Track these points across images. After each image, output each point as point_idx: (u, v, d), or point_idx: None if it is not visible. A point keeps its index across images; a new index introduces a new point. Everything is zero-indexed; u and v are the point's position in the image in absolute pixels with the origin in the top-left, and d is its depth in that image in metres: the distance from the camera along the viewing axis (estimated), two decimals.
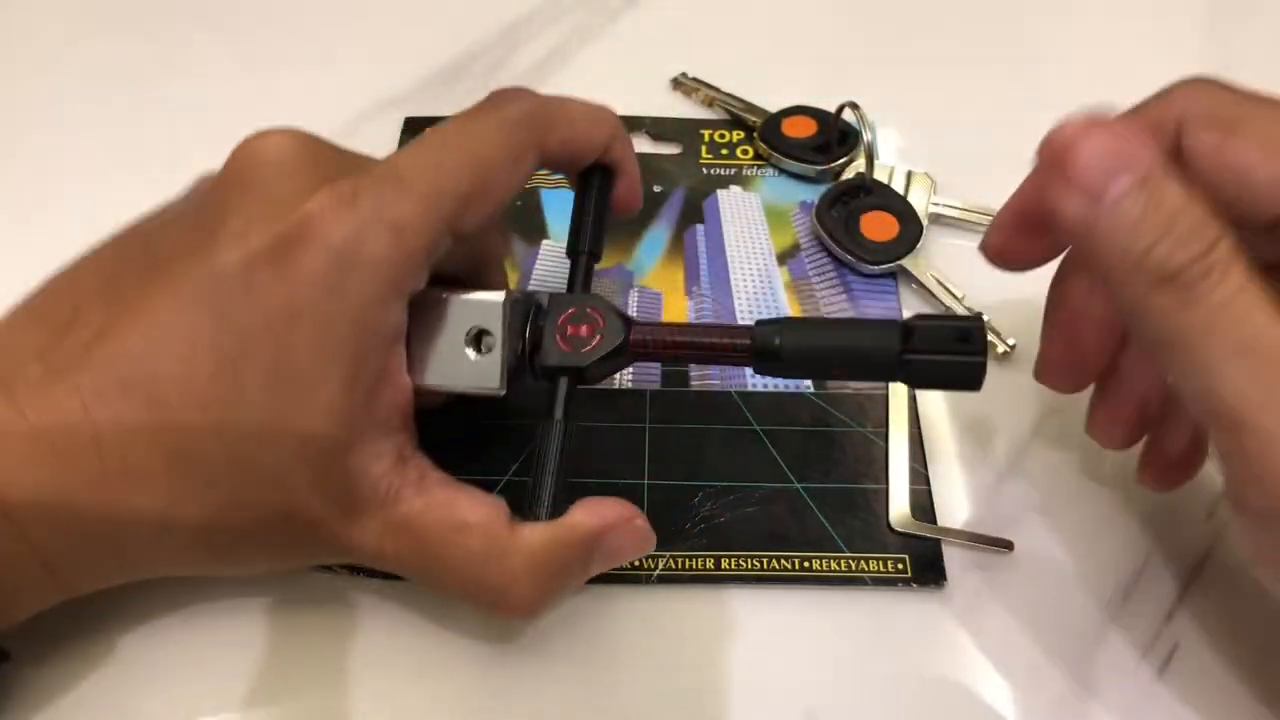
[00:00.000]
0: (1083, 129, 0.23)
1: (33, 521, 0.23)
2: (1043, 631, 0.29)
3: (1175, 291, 0.22)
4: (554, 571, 0.25)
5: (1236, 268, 0.22)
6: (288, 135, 0.26)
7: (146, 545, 0.25)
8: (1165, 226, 0.22)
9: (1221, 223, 0.22)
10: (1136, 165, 0.22)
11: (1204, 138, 0.24)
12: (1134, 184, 0.22)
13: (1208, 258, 0.22)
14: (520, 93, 0.28)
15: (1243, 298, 0.21)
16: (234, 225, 0.24)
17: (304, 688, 0.28)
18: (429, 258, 0.25)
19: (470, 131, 0.27)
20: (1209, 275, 0.21)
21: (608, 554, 0.26)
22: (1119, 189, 0.22)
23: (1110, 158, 0.22)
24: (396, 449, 0.25)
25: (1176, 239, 0.22)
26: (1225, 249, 0.22)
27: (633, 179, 0.31)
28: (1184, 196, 0.22)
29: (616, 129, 0.30)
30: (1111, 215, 0.22)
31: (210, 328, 0.24)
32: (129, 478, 0.24)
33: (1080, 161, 0.22)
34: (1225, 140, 0.24)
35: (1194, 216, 0.22)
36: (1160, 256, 0.22)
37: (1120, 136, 0.22)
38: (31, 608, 0.25)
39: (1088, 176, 0.22)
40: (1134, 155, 0.22)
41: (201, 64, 0.46)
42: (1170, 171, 0.22)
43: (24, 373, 0.24)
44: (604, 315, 0.27)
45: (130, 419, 0.23)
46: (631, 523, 0.26)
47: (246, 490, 0.24)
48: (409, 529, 0.25)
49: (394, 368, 0.26)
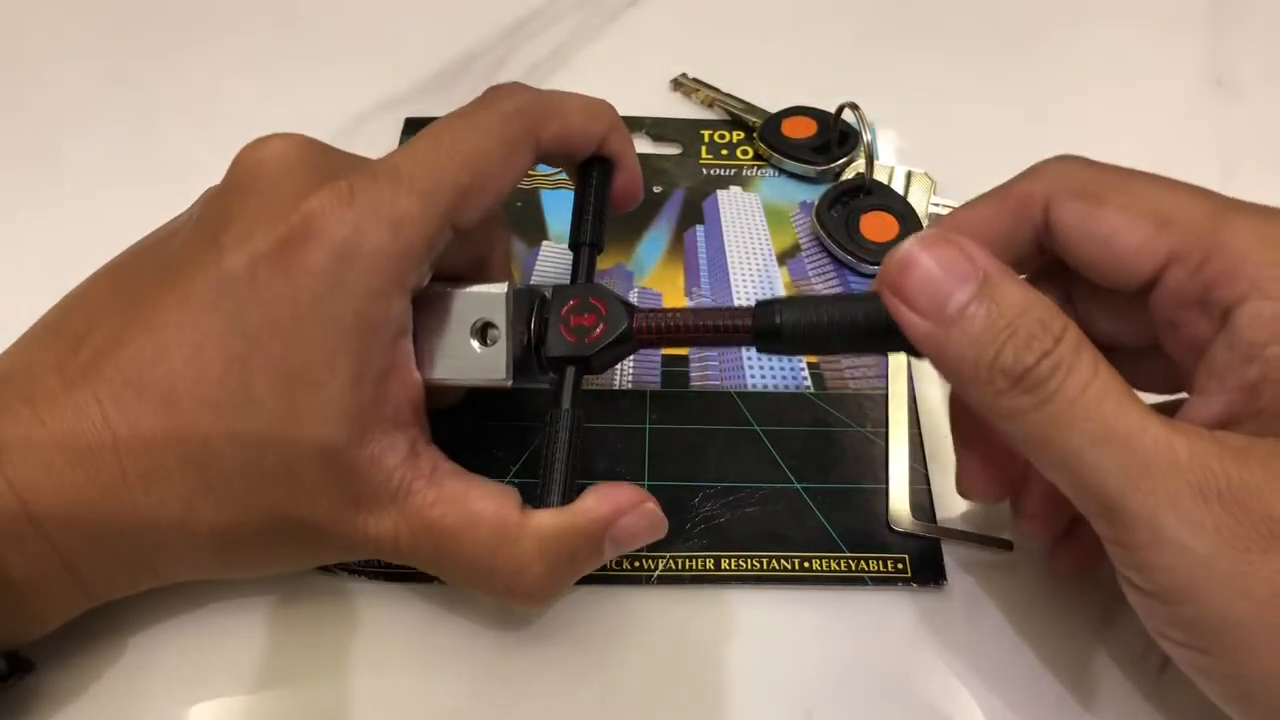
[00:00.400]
0: (917, 247, 0.23)
1: (59, 529, 0.24)
2: (1043, 631, 0.29)
3: (1026, 394, 0.22)
4: (566, 557, 0.26)
5: (1083, 359, 0.22)
6: (287, 140, 0.27)
7: (167, 549, 0.25)
8: (1008, 331, 0.22)
9: (1064, 315, 0.22)
10: (971, 276, 0.22)
11: (1071, 210, 0.25)
12: (971, 296, 0.22)
13: (1054, 354, 0.22)
14: (515, 87, 0.28)
15: (1093, 388, 0.22)
16: (237, 229, 0.25)
17: (310, 686, 0.28)
18: (429, 251, 0.26)
19: (466, 126, 0.27)
20: (1056, 372, 0.22)
21: (620, 539, 0.26)
22: (957, 305, 0.22)
23: (945, 275, 0.23)
24: (409, 442, 0.26)
25: (1021, 342, 0.22)
26: (1070, 341, 0.22)
27: (632, 171, 0.31)
28: (1023, 295, 0.22)
29: (614, 121, 0.30)
30: (955, 331, 0.22)
31: (219, 330, 0.24)
32: (147, 481, 0.24)
33: (915, 283, 0.23)
34: (1091, 211, 0.25)
35: (1035, 315, 0.22)
36: (1007, 362, 0.22)
37: (952, 249, 0.23)
38: (61, 618, 0.26)
39: (925, 297, 0.23)
40: (967, 266, 0.23)
41: (202, 64, 0.46)
42: (1007, 273, 0.23)
43: (43, 385, 0.24)
44: (606, 304, 0.27)
45: (146, 423, 0.24)
46: (643, 506, 0.26)
47: (261, 489, 0.25)
48: (422, 520, 0.25)
49: (402, 362, 0.26)
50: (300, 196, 0.25)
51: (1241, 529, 0.20)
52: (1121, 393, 0.22)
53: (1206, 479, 0.21)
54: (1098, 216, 0.24)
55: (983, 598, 0.29)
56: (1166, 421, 0.22)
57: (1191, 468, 0.21)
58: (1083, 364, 0.22)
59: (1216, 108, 0.44)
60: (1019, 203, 0.26)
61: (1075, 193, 0.25)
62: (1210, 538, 0.20)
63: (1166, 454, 0.21)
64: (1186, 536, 0.21)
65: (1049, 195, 0.25)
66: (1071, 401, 0.22)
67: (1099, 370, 0.22)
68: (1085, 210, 0.25)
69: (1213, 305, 0.23)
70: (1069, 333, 0.22)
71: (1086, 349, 0.22)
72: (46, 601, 0.25)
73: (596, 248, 0.30)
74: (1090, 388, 0.22)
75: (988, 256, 0.23)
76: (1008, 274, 0.23)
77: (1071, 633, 0.29)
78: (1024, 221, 0.26)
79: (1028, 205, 0.26)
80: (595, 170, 0.30)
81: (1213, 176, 0.41)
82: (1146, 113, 0.44)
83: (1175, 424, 0.22)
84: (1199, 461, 0.21)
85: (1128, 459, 0.21)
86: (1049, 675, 0.28)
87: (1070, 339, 0.22)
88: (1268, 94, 0.44)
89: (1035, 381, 0.22)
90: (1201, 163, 0.41)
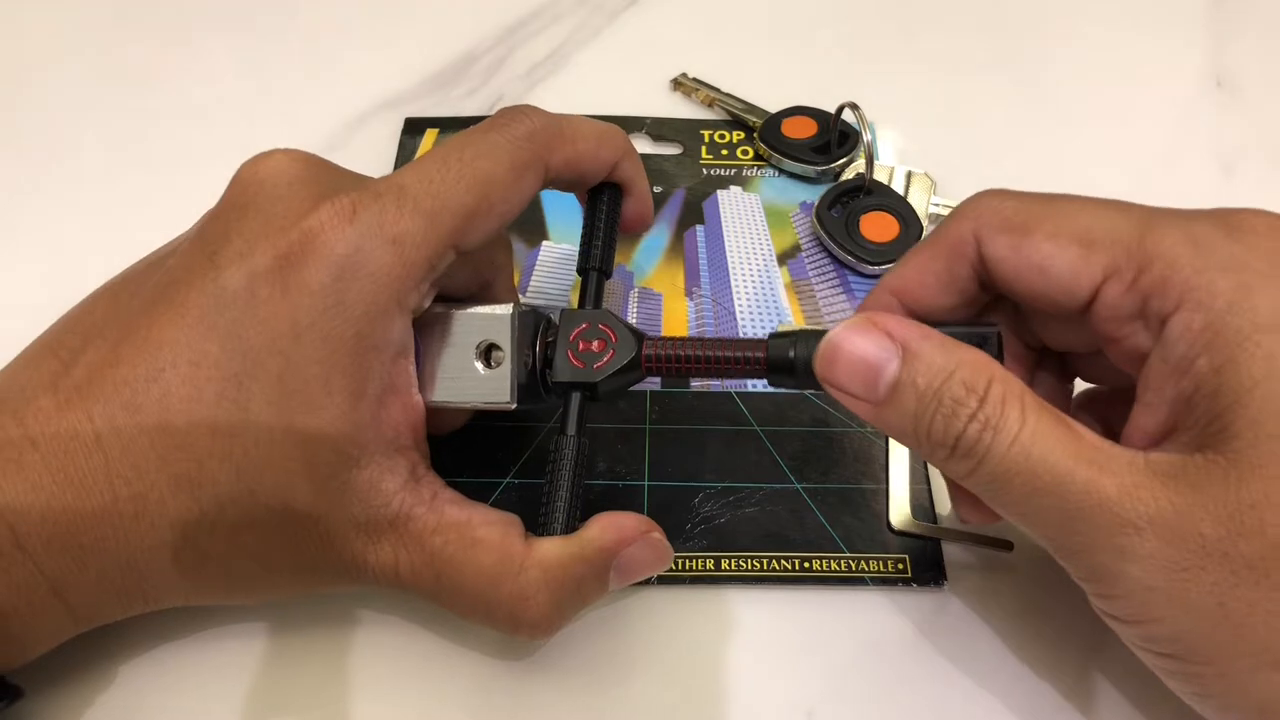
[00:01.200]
0: (839, 336, 0.24)
1: (46, 553, 0.23)
2: (1043, 631, 0.29)
3: (964, 458, 0.23)
4: (570, 587, 0.25)
5: (1010, 412, 0.22)
6: (288, 155, 0.26)
7: (158, 574, 0.25)
8: (935, 401, 0.23)
9: (989, 365, 0.23)
10: (892, 353, 0.23)
11: (1001, 244, 0.25)
12: (896, 373, 0.23)
13: (979, 415, 0.22)
14: (529, 111, 0.28)
15: (1020, 441, 0.22)
16: (236, 246, 0.24)
17: (306, 711, 0.27)
18: (430, 271, 0.25)
19: (476, 148, 0.27)
20: (984, 434, 0.22)
21: (624, 569, 0.26)
22: (886, 385, 0.23)
23: (868, 358, 0.24)
24: (409, 467, 0.25)
25: (947, 410, 0.23)
26: (995, 397, 0.23)
27: (643, 198, 0.31)
28: (944, 359, 0.23)
29: (625, 149, 0.30)
30: (890, 410, 0.24)
31: (215, 348, 0.24)
32: (139, 504, 0.24)
33: (845, 373, 0.24)
34: (1020, 242, 0.25)
35: (959, 377, 0.23)
36: (939, 434, 0.23)
37: (868, 329, 0.24)
38: (47, 643, 0.25)
39: (856, 384, 0.24)
40: (887, 343, 0.23)
41: (201, 64, 0.46)
42: (926, 338, 0.23)
43: (36, 404, 0.24)
44: (616, 331, 0.27)
45: (138, 443, 0.24)
46: (648, 536, 0.26)
47: (255, 513, 0.24)
48: (423, 549, 0.25)
49: (401, 383, 0.26)
50: (300, 213, 0.24)
51: (1175, 552, 0.21)
52: (1051, 436, 0.22)
53: (1137, 511, 0.21)
54: (1027, 246, 0.24)
55: (983, 598, 0.29)
56: (1097, 456, 0.22)
57: (1121, 503, 0.22)
58: (1009, 419, 0.22)
59: (1216, 108, 0.44)
60: (950, 246, 0.26)
61: (1002, 226, 0.25)
62: (1147, 565, 0.21)
63: (1096, 496, 0.22)
64: (1125, 567, 0.22)
65: (977, 233, 0.25)
66: (1002, 459, 0.22)
67: (1027, 418, 0.22)
68: (1014, 242, 0.25)
69: (1150, 317, 0.23)
70: (992, 388, 0.23)
71: (1013, 399, 0.23)
72: (32, 627, 0.24)
73: (605, 274, 0.30)
74: (1018, 441, 0.22)
75: (906, 326, 0.24)
76: (927, 339, 0.23)
77: (1072, 633, 0.29)
78: (959, 262, 0.26)
79: (959, 246, 0.26)
80: (605, 196, 0.30)
81: (1213, 176, 0.41)
82: (1146, 113, 0.44)
83: (1106, 457, 0.22)
84: (1128, 495, 0.22)
85: (1060, 506, 0.22)
86: (1049, 675, 0.28)
87: (994, 395, 0.23)
88: (1268, 94, 0.44)
89: (966, 448, 0.23)
90: (1201, 163, 0.41)
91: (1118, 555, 0.22)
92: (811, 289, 0.37)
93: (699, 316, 0.36)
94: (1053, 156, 0.41)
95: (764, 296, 0.37)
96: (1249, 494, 0.21)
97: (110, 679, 0.28)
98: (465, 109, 0.44)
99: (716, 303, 0.37)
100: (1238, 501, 0.21)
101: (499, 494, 0.31)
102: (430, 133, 0.42)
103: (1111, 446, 0.23)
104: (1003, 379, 0.23)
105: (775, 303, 0.37)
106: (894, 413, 0.24)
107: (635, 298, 0.37)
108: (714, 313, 0.36)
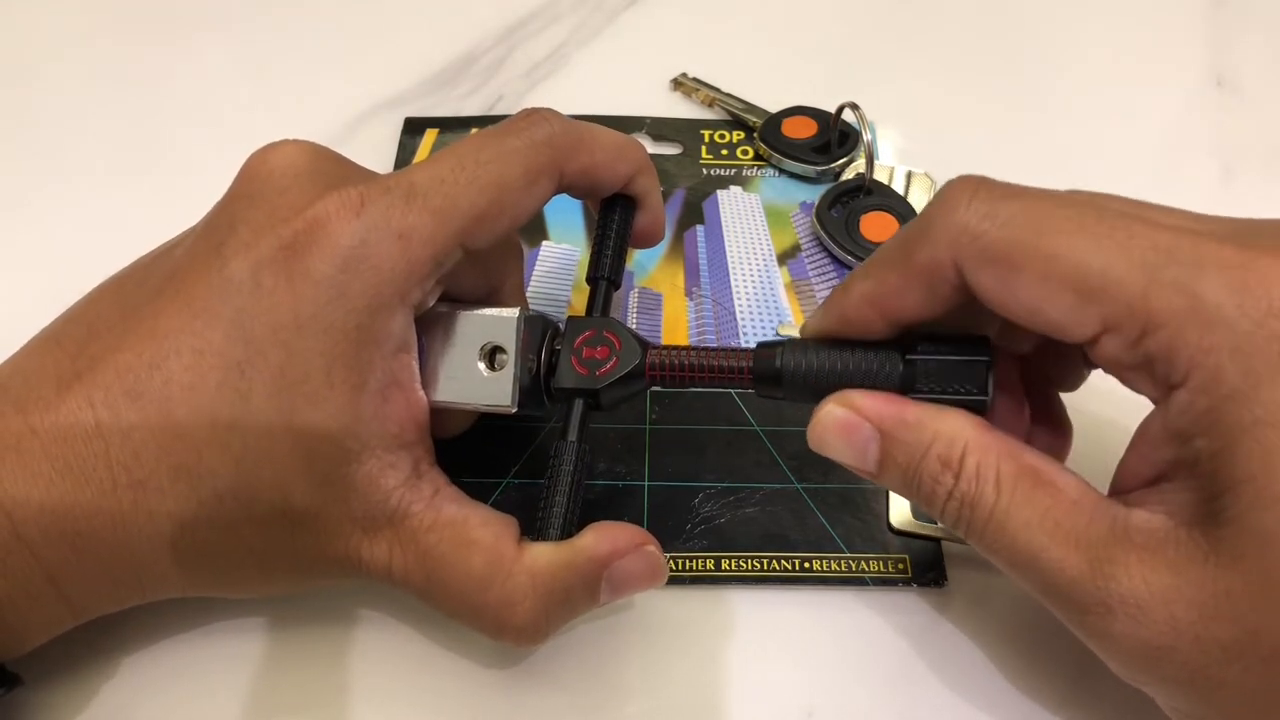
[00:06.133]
0: (821, 425, 0.25)
1: (44, 542, 0.23)
2: (1043, 631, 0.29)
3: (954, 527, 0.24)
4: (559, 595, 0.25)
5: (985, 486, 0.23)
6: (295, 146, 0.26)
7: (155, 564, 0.25)
8: (916, 477, 0.24)
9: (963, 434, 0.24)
10: (871, 438, 0.24)
11: (987, 276, 0.23)
12: (879, 453, 0.24)
13: (955, 493, 0.23)
14: (548, 115, 0.28)
15: (996, 515, 0.23)
16: (242, 235, 0.24)
17: (306, 706, 0.27)
18: (436, 269, 0.25)
19: (491, 149, 0.26)
20: (962, 509, 0.23)
21: (617, 581, 0.26)
22: (874, 461, 0.25)
23: (853, 443, 0.25)
24: (411, 463, 0.25)
25: (928, 486, 0.24)
26: (969, 472, 0.23)
27: (655, 212, 0.31)
28: (917, 437, 0.24)
29: (643, 164, 0.29)
30: (885, 478, 0.25)
31: (219, 336, 0.24)
32: (137, 492, 0.24)
33: (837, 452, 0.25)
34: (1009, 277, 0.22)
35: (935, 453, 0.24)
36: (928, 505, 0.24)
37: (845, 417, 0.25)
38: (45, 633, 0.25)
39: (849, 459, 0.25)
40: (866, 429, 0.24)
41: (202, 64, 0.46)
42: (900, 413, 0.24)
43: (38, 392, 0.24)
44: (621, 339, 0.27)
45: (139, 431, 0.23)
46: (643, 549, 0.26)
47: (254, 505, 0.24)
48: (416, 546, 0.25)
49: (405, 379, 0.25)
50: (307, 203, 0.24)
51: (1147, 633, 0.22)
52: (1028, 508, 0.23)
53: (1108, 590, 0.22)
54: (1017, 285, 0.22)
55: (983, 598, 0.29)
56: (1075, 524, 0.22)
57: (1094, 581, 0.22)
58: (984, 494, 0.23)
59: (1216, 108, 0.44)
60: (926, 272, 0.24)
61: (985, 259, 0.23)
62: (1121, 643, 0.22)
63: (1069, 574, 0.22)
64: (1099, 641, 0.23)
65: (956, 261, 0.23)
66: (981, 532, 0.23)
67: (1001, 492, 0.23)
68: (1001, 277, 0.23)
69: (1157, 379, 0.22)
70: (966, 462, 0.23)
71: (988, 470, 0.23)
72: (28, 617, 0.24)
73: (614, 284, 0.30)
74: (993, 519, 0.23)
75: (880, 406, 0.24)
76: (902, 420, 0.24)
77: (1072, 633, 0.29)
78: (939, 285, 0.24)
79: (937, 272, 0.23)
80: (618, 207, 0.30)
81: (1213, 176, 0.41)
82: (1146, 113, 0.44)
83: (1085, 522, 0.22)
84: (1100, 574, 0.22)
85: (1038, 579, 0.23)
86: (1049, 676, 0.28)
87: (969, 469, 0.23)
88: (1268, 94, 0.44)
89: (951, 518, 0.24)
90: (1201, 163, 0.41)
91: (1091, 631, 0.23)
92: (811, 289, 0.37)
93: (699, 316, 0.36)
94: (1053, 156, 0.41)
95: (764, 296, 0.37)
96: (1226, 582, 0.21)
97: (112, 672, 0.28)
98: (465, 109, 0.44)
99: (716, 303, 0.37)
100: (1214, 588, 0.21)
101: (499, 494, 0.31)
102: (430, 133, 0.42)
103: (1094, 505, 0.23)
104: (978, 448, 0.23)
105: (775, 303, 0.37)
106: (889, 480, 0.25)
107: (635, 297, 0.37)
108: (714, 313, 0.36)
